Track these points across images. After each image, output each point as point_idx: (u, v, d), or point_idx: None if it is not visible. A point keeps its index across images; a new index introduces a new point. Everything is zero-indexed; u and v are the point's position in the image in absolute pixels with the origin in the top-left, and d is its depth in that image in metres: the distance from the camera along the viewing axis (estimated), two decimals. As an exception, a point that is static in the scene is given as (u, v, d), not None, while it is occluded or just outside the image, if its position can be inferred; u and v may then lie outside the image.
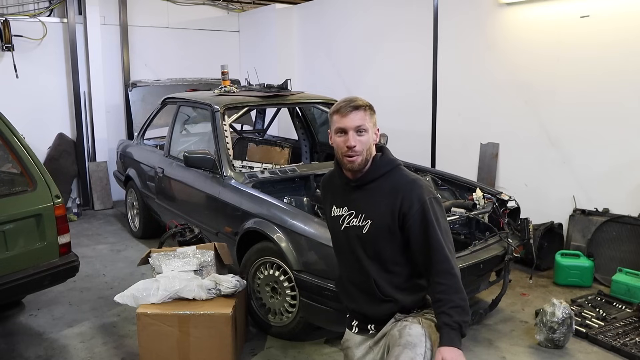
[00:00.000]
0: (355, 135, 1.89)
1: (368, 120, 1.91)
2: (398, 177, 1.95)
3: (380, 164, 1.96)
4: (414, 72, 5.95)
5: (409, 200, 1.87)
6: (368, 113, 1.92)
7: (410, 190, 1.89)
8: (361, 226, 1.95)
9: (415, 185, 1.91)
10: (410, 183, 1.92)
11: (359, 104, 1.90)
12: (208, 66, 7.24)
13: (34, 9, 6.63)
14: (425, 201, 1.87)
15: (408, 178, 1.95)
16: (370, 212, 1.94)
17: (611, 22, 4.29)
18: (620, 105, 4.30)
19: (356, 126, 1.88)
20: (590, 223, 4.51)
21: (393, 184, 1.93)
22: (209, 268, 3.22)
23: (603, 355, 3.35)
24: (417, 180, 1.95)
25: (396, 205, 1.88)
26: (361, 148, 1.89)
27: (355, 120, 1.88)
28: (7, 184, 3.57)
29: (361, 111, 1.89)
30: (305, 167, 4.29)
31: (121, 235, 5.91)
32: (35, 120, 6.53)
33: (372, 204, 1.94)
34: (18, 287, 3.35)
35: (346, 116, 1.88)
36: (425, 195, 1.88)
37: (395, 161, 2.00)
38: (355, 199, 1.99)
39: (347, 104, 1.89)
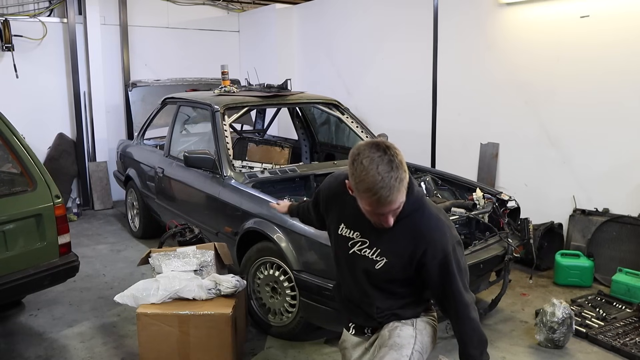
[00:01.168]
0: (390, 215, 1.71)
1: (402, 193, 1.67)
2: (423, 219, 1.80)
3: (406, 206, 1.75)
4: (414, 72, 5.95)
5: (433, 250, 1.78)
6: (402, 187, 1.65)
7: (434, 240, 1.78)
8: (374, 261, 1.85)
9: (439, 234, 1.79)
10: (435, 230, 1.79)
11: (394, 196, 1.63)
12: (208, 66, 7.24)
13: (34, 9, 6.63)
14: (448, 253, 1.78)
15: (432, 222, 1.80)
16: (386, 250, 1.83)
17: (611, 22, 4.29)
18: (620, 105, 4.30)
19: (393, 210, 1.69)
20: (590, 223, 4.51)
21: (417, 227, 1.79)
22: (209, 268, 3.22)
23: (603, 355, 3.35)
24: (442, 225, 1.82)
25: (417, 252, 1.78)
26: (394, 217, 1.74)
27: (392, 206, 1.67)
28: (7, 184, 3.57)
29: (396, 195, 1.63)
30: (305, 167, 4.29)
31: (121, 235, 5.90)
32: (35, 120, 6.53)
33: (391, 242, 1.82)
34: (18, 287, 3.35)
35: (382, 206, 1.66)
36: (449, 246, 1.79)
37: (421, 200, 1.83)
38: (371, 230, 1.84)
39: (382, 197, 1.62)
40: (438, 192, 4.26)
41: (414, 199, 1.80)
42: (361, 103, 6.62)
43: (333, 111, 4.95)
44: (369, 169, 1.61)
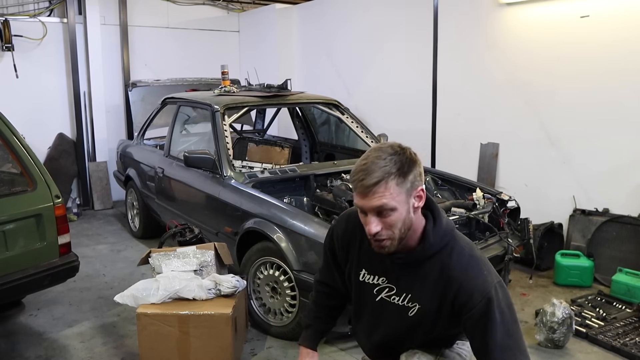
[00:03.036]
0: (376, 218, 1.44)
1: (395, 194, 1.40)
2: (452, 256, 1.53)
3: (433, 241, 1.52)
4: (414, 72, 5.95)
5: (467, 295, 1.49)
6: (393, 183, 1.40)
7: (468, 282, 1.49)
8: (407, 307, 1.61)
9: (474, 273, 1.51)
10: (467, 269, 1.51)
11: (375, 181, 1.39)
12: (208, 66, 7.24)
13: (34, 9, 6.63)
14: (489, 295, 1.47)
15: (463, 260, 1.52)
16: (417, 296, 1.58)
17: (611, 22, 4.29)
18: (620, 105, 4.30)
19: (374, 207, 1.42)
20: (590, 223, 4.51)
21: (446, 266, 1.53)
22: (209, 268, 3.22)
23: (603, 355, 3.35)
24: (477, 263, 1.53)
25: (448, 296, 1.53)
26: (389, 233, 1.46)
27: (373, 201, 1.41)
28: (7, 184, 3.57)
29: (381, 186, 1.39)
30: (305, 167, 4.29)
31: (121, 235, 5.90)
32: (35, 120, 6.52)
33: (420, 287, 1.58)
34: (18, 287, 3.34)
35: (363, 196, 1.43)
36: (488, 286, 1.49)
37: (451, 234, 1.55)
38: (396, 274, 1.61)
39: (360, 181, 1.41)
40: (438, 192, 4.26)
41: (443, 232, 1.54)
42: (361, 103, 6.62)
43: (333, 111, 4.96)
44: (364, 156, 1.46)
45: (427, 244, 1.53)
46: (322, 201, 3.84)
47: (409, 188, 1.43)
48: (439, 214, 1.56)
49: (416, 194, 1.46)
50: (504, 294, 1.51)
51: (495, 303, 1.47)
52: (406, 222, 1.47)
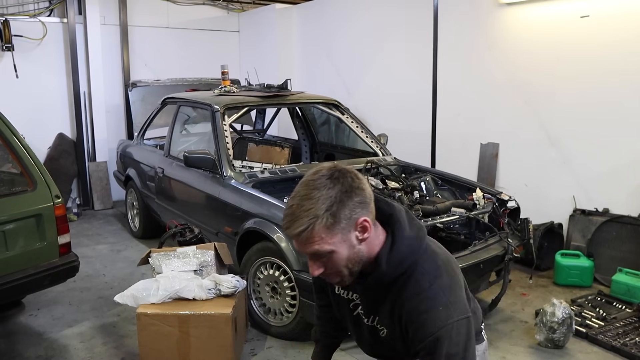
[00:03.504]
0: (315, 262, 1.35)
1: (327, 238, 1.29)
2: (409, 286, 1.38)
3: (386, 270, 1.37)
4: (414, 72, 5.95)
5: (415, 328, 1.36)
6: (322, 229, 1.28)
7: (419, 314, 1.34)
8: (377, 328, 1.51)
9: (428, 305, 1.34)
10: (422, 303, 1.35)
11: (301, 229, 1.28)
12: (208, 66, 7.24)
13: (34, 9, 6.63)
14: (438, 334, 1.31)
15: (422, 294, 1.35)
16: (381, 320, 1.48)
17: (611, 22, 4.29)
18: (620, 105, 4.30)
19: (310, 254, 1.33)
20: (590, 223, 4.51)
21: (400, 298, 1.39)
22: (209, 268, 3.22)
23: (603, 355, 3.35)
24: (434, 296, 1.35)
25: (402, 326, 1.40)
26: (333, 270, 1.36)
27: (305, 248, 1.32)
28: (7, 184, 3.57)
29: (307, 234, 1.29)
30: (305, 167, 4.29)
31: (121, 235, 5.90)
32: (35, 120, 6.52)
33: (382, 312, 1.46)
34: (18, 287, 3.35)
35: (296, 243, 1.34)
36: (440, 323, 1.32)
37: (411, 258, 1.38)
38: (362, 295, 1.53)
39: (286, 228, 1.32)
40: (438, 192, 4.26)
41: (400, 259, 1.37)
42: (361, 103, 6.62)
43: (333, 111, 4.96)
44: (294, 192, 1.36)
45: (378, 273, 1.37)
46: (322, 201, 3.83)
47: (343, 226, 1.29)
48: (400, 234, 1.38)
49: (358, 228, 1.32)
50: (462, 333, 1.32)
51: (444, 343, 1.30)
52: (352, 258, 1.34)
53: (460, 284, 1.43)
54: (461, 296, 1.40)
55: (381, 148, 4.78)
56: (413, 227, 1.42)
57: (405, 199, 3.58)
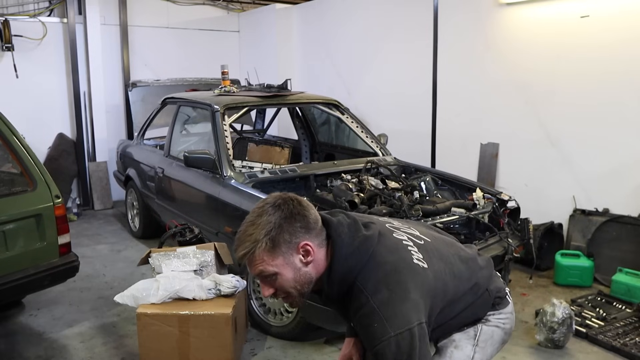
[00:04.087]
0: (265, 284, 1.45)
1: (269, 260, 1.39)
2: (353, 304, 1.44)
3: (329, 292, 1.49)
4: (414, 72, 5.95)
5: (365, 342, 1.44)
6: (264, 252, 1.38)
7: (362, 329, 1.42)
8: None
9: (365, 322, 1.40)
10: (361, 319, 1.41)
11: (244, 252, 1.39)
12: (208, 66, 7.24)
13: (34, 9, 6.63)
14: (375, 348, 1.38)
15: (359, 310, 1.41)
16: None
17: (611, 22, 4.29)
18: (620, 105, 4.30)
19: (256, 275, 1.43)
20: (590, 223, 4.51)
21: (349, 311, 1.48)
22: (209, 268, 3.22)
23: (603, 355, 3.35)
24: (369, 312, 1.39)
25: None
26: (283, 291, 1.45)
27: (252, 269, 1.42)
28: (7, 184, 3.57)
29: (250, 257, 1.40)
30: (305, 167, 4.29)
31: (121, 235, 5.90)
32: (35, 120, 6.53)
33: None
34: (18, 287, 3.35)
35: (247, 264, 1.44)
36: (374, 341, 1.37)
37: (349, 276, 1.44)
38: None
39: (235, 251, 1.43)
40: (438, 192, 4.26)
41: (339, 278, 1.45)
42: (361, 103, 6.62)
43: (333, 111, 4.96)
44: (247, 216, 1.45)
45: (326, 291, 1.48)
46: (322, 201, 3.83)
47: (284, 250, 1.39)
48: (337, 254, 1.44)
49: (300, 251, 1.41)
50: (404, 345, 1.35)
51: (386, 356, 1.35)
52: (300, 279, 1.43)
53: (404, 294, 1.41)
54: (401, 309, 1.38)
55: (381, 148, 4.78)
56: (356, 239, 1.46)
57: (405, 199, 3.58)
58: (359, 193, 3.70)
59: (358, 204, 3.57)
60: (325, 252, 1.47)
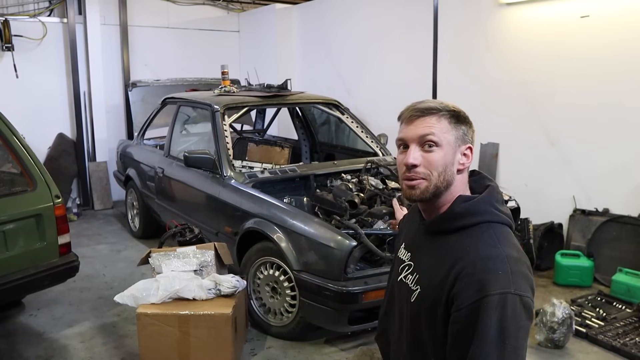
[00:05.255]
0: (418, 150, 1.31)
1: (444, 131, 1.30)
2: (475, 241, 1.27)
3: (459, 211, 1.31)
4: (414, 72, 5.95)
5: (464, 284, 1.21)
6: (445, 121, 1.31)
7: (473, 269, 1.21)
8: (411, 290, 1.37)
9: (488, 265, 1.21)
10: (483, 260, 1.22)
11: (430, 107, 1.31)
12: (208, 66, 7.24)
13: (34, 9, 6.63)
14: (490, 297, 1.17)
15: (486, 250, 1.24)
16: (424, 276, 1.34)
17: (611, 22, 4.29)
18: (620, 105, 4.30)
19: (420, 136, 1.30)
20: (590, 223, 4.51)
21: (462, 245, 1.27)
22: (209, 268, 3.22)
23: (603, 355, 3.35)
24: (499, 258, 1.22)
25: (448, 280, 1.24)
26: (426, 170, 1.30)
27: (419, 129, 1.30)
28: (7, 184, 3.57)
29: (433, 117, 1.30)
30: (305, 167, 4.29)
31: (121, 235, 5.90)
32: (35, 120, 6.52)
33: (432, 266, 1.33)
34: (18, 287, 3.35)
35: (410, 123, 1.32)
36: (495, 286, 1.17)
37: (485, 214, 1.31)
38: (419, 248, 1.42)
39: (413, 107, 1.34)
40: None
41: (475, 208, 1.31)
42: (361, 103, 6.62)
43: (333, 111, 4.96)
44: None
45: (449, 211, 1.32)
46: (322, 201, 3.84)
47: (458, 136, 1.33)
48: (490, 194, 1.35)
49: (464, 150, 1.35)
50: (520, 311, 1.18)
51: (497, 311, 1.16)
52: (447, 171, 1.32)
53: (528, 273, 1.26)
54: (527, 277, 1.24)
55: (381, 148, 4.78)
56: (505, 209, 1.37)
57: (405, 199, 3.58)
58: (359, 193, 3.70)
59: (358, 204, 3.57)
60: (467, 187, 1.41)
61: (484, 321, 1.16)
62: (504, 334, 1.16)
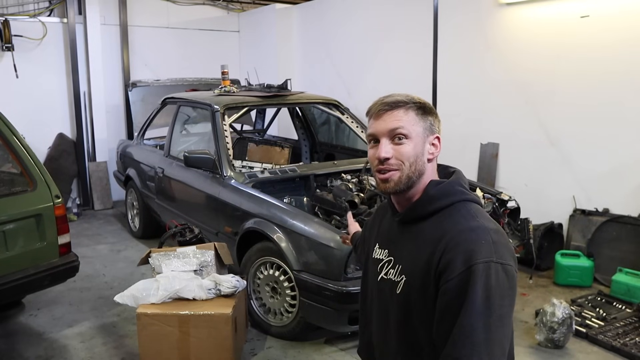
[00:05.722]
0: (389, 143, 1.34)
1: (412, 123, 1.34)
2: (454, 218, 1.30)
3: (434, 194, 1.34)
4: (414, 72, 5.95)
5: (451, 256, 1.22)
6: (413, 113, 1.35)
7: (457, 241, 1.23)
8: (396, 282, 1.36)
9: (471, 236, 1.24)
10: (465, 232, 1.25)
11: (398, 100, 1.35)
12: (208, 66, 7.24)
13: (34, 9, 6.63)
14: (477, 266, 1.18)
15: (466, 223, 1.27)
16: (407, 264, 1.35)
17: (611, 22, 4.29)
18: (620, 105, 4.30)
19: (390, 129, 1.34)
20: (590, 223, 4.51)
21: (443, 225, 1.30)
22: (209, 268, 3.22)
23: (603, 355, 3.35)
24: (480, 230, 1.25)
25: (434, 258, 1.25)
26: (398, 161, 1.34)
27: (389, 123, 1.34)
28: (7, 184, 3.57)
29: (401, 110, 1.34)
30: (305, 167, 4.29)
31: (121, 235, 5.90)
32: (35, 120, 6.52)
33: (413, 252, 1.34)
34: (18, 287, 3.35)
35: (379, 117, 1.36)
36: (482, 255, 1.19)
37: (458, 194, 1.35)
38: (397, 241, 1.42)
39: (381, 102, 1.37)
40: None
41: (446, 190, 1.35)
42: (361, 103, 6.61)
43: (333, 111, 4.96)
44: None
45: (425, 196, 1.35)
46: (322, 201, 3.84)
47: (426, 127, 1.38)
48: (458, 177, 1.40)
49: (432, 140, 1.39)
50: (502, 279, 1.19)
51: (482, 279, 1.17)
52: (417, 161, 1.35)
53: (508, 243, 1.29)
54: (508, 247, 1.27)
55: (381, 148, 4.77)
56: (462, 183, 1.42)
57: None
58: (359, 193, 3.70)
59: (358, 204, 3.57)
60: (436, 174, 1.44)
61: (472, 289, 1.17)
62: (489, 302, 1.17)
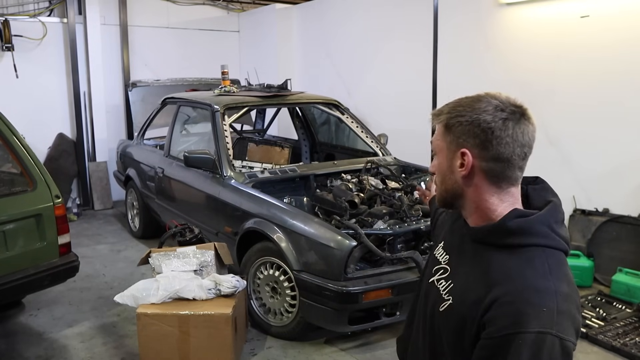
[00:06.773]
0: (436, 157, 1.30)
1: (438, 139, 1.27)
2: (523, 267, 1.10)
3: (511, 227, 1.14)
4: (414, 72, 5.95)
5: (501, 312, 1.06)
6: (441, 128, 1.27)
7: (513, 299, 1.06)
8: (442, 298, 1.22)
9: (533, 299, 1.05)
10: (527, 291, 1.06)
11: (437, 112, 1.31)
12: (208, 66, 7.24)
13: (34, 9, 6.63)
14: (524, 329, 1.02)
15: (533, 281, 1.08)
16: (458, 288, 1.20)
17: (611, 22, 4.28)
18: (620, 105, 4.30)
19: (434, 142, 1.30)
20: (590, 223, 4.51)
21: (507, 272, 1.11)
22: (209, 268, 3.22)
23: (603, 355, 3.35)
24: (547, 292, 1.06)
25: (484, 304, 1.09)
26: (437, 177, 1.28)
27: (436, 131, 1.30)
28: (7, 184, 3.57)
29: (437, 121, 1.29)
30: (305, 167, 4.29)
31: (121, 235, 5.90)
32: (35, 120, 6.52)
33: (469, 278, 1.18)
34: (18, 287, 3.35)
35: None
36: (532, 324, 1.02)
37: (540, 237, 1.14)
38: (460, 252, 1.27)
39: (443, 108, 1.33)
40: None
41: (534, 228, 1.14)
42: (361, 103, 6.62)
43: (333, 111, 4.96)
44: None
45: (498, 224, 1.16)
46: (322, 201, 3.84)
47: (449, 142, 1.22)
48: (549, 212, 1.20)
49: (458, 156, 1.19)
50: (554, 356, 1.03)
51: (530, 351, 1.01)
52: (447, 179, 1.23)
53: (576, 314, 1.11)
54: (574, 319, 1.09)
55: (381, 148, 4.78)
56: (563, 232, 1.19)
57: (405, 199, 3.58)
58: (359, 193, 3.70)
59: (358, 204, 3.57)
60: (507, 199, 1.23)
61: (512, 351, 1.03)
62: None
